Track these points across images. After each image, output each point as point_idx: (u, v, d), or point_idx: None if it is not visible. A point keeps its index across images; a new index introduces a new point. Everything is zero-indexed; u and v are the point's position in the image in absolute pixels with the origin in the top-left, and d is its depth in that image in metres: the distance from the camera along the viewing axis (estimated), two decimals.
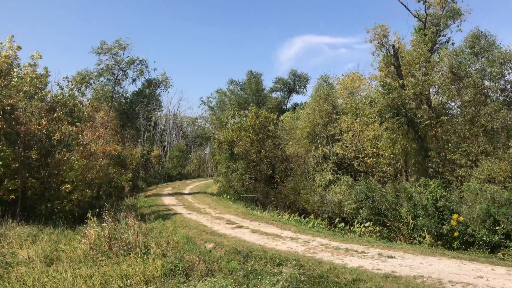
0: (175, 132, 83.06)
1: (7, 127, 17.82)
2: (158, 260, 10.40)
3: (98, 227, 13.01)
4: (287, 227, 17.61)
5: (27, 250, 11.97)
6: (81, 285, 8.89)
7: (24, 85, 18.26)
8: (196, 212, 23.38)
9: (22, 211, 17.17)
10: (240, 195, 30.80)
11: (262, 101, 56.33)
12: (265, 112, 33.75)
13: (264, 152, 31.10)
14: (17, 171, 17.51)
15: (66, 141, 20.15)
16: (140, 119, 57.49)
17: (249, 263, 10.80)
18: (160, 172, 61.33)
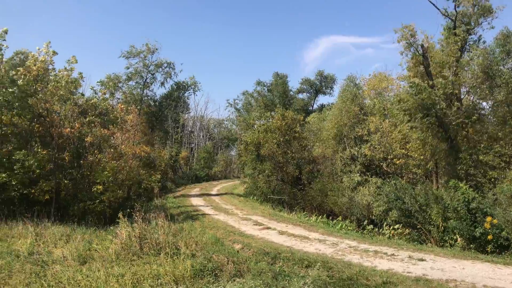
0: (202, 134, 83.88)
1: (42, 130, 18.47)
2: (187, 260, 10.52)
3: (129, 227, 13.24)
4: (315, 229, 17.56)
5: (61, 249, 12.32)
6: (114, 284, 9.07)
7: (59, 89, 18.84)
8: (223, 213, 23.57)
9: (56, 211, 17.72)
10: (267, 197, 30.85)
11: (289, 102, 56.24)
12: (292, 113, 33.70)
13: (290, 154, 31.04)
14: (51, 173, 18.10)
15: (98, 143, 20.67)
16: (169, 121, 58.33)
17: (277, 265, 10.84)
18: (188, 173, 62.03)
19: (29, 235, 13.62)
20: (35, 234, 13.76)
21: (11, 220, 15.45)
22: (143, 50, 37.79)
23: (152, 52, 37.97)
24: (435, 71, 23.45)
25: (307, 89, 64.74)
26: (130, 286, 9.00)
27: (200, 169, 64.83)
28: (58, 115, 19.24)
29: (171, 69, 39.92)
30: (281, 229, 17.35)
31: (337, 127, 30.79)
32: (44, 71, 19.32)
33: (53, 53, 19.92)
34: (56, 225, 15.77)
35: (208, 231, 16.61)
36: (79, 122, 19.22)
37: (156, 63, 38.68)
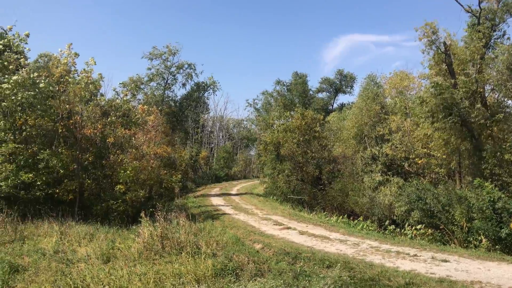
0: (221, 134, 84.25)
1: (65, 131, 18.85)
2: (208, 259, 10.59)
3: (151, 226, 13.41)
4: (336, 229, 17.44)
5: (85, 248, 12.58)
6: (136, 282, 9.19)
7: (80, 90, 19.20)
8: (243, 212, 23.62)
9: (80, 210, 18.08)
10: (287, 196, 30.77)
11: (308, 102, 56.03)
12: (311, 112, 33.54)
13: (310, 153, 30.91)
14: (75, 173, 18.48)
15: (120, 144, 21.00)
16: (189, 121, 58.78)
17: (298, 265, 10.81)
18: (208, 173, 62.38)
19: (54, 234, 13.95)
20: (60, 233, 14.08)
21: (37, 219, 15.83)
22: (165, 51, 38.24)
23: (173, 53, 38.42)
24: (458, 68, 23.00)
25: (327, 88, 64.36)
26: (153, 284, 9.10)
27: (220, 169, 65.13)
28: (81, 116, 19.61)
29: (192, 70, 40.29)
30: (301, 229, 17.29)
31: (357, 127, 30.51)
32: (67, 72, 19.72)
33: (75, 55, 20.32)
34: (80, 224, 16.09)
35: (228, 231, 16.68)
36: (102, 123, 19.55)
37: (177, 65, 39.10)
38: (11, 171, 15.95)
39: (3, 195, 15.79)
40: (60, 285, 8.89)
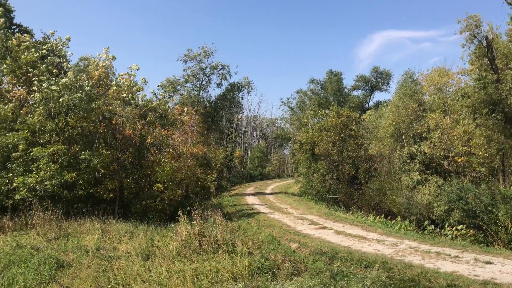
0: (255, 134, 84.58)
1: (106, 131, 19.45)
2: (245, 258, 10.66)
3: (188, 225, 13.63)
4: (373, 229, 17.18)
5: (126, 245, 12.93)
6: (175, 280, 9.36)
7: (121, 92, 19.76)
8: (278, 212, 23.63)
9: (120, 209, 18.61)
10: (322, 196, 30.55)
11: (343, 100, 55.34)
12: (347, 111, 33.14)
13: (346, 152, 30.53)
14: (115, 172, 19.03)
15: (158, 144, 21.46)
16: (223, 121, 59.33)
17: (335, 264, 10.72)
18: (242, 172, 62.77)
19: (96, 232, 14.41)
20: (102, 231, 14.53)
21: (79, 217, 16.39)
22: (200, 53, 38.80)
23: (208, 55, 38.90)
24: (501, 64, 22.09)
25: (362, 86, 63.34)
26: (190, 282, 9.24)
27: (254, 168, 65.40)
28: (121, 118, 20.17)
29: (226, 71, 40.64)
30: (337, 229, 17.13)
31: (394, 125, 29.86)
32: (105, 75, 20.35)
33: (112, 58, 20.92)
34: (120, 222, 16.53)
35: (264, 230, 16.74)
36: (140, 124, 20.05)
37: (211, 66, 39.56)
38: (55, 171, 16.58)
39: (48, 194, 16.43)
40: (102, 281, 9.16)
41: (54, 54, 19.57)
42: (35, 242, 12.84)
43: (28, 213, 15.49)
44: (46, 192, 16.37)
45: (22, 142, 17.06)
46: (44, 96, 17.51)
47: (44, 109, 17.58)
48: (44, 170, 16.39)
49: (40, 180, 16.26)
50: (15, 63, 18.63)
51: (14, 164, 17.08)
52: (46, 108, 17.55)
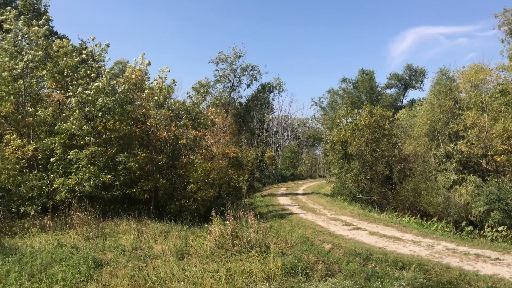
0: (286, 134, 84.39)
1: (141, 133, 19.91)
2: (277, 258, 10.68)
3: (221, 225, 13.76)
4: (408, 230, 16.84)
5: (161, 245, 13.17)
6: (209, 279, 9.47)
7: (154, 95, 20.18)
8: (311, 212, 23.51)
9: (154, 209, 18.97)
10: (355, 196, 30.16)
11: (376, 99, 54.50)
12: (380, 109, 32.55)
13: (380, 152, 30.01)
14: (150, 173, 19.42)
15: (191, 145, 21.78)
16: (254, 122, 59.52)
17: (369, 266, 10.59)
18: (274, 172, 62.75)
19: (132, 231, 14.75)
20: (137, 231, 14.87)
21: (116, 217, 16.82)
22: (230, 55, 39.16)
23: (239, 56, 39.26)
24: None
25: (395, 84, 62.22)
26: (225, 281, 9.32)
27: (286, 168, 65.27)
28: (155, 120, 20.58)
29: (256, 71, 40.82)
30: (371, 230, 16.89)
31: (429, 123, 29.12)
32: (141, 79, 20.83)
33: (148, 63, 21.39)
34: (155, 222, 16.86)
35: (296, 230, 16.70)
36: (174, 126, 20.39)
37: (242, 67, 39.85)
38: (93, 173, 17.09)
39: (87, 195, 16.96)
40: (139, 280, 9.37)
41: (93, 59, 20.18)
42: (75, 241, 13.28)
43: (67, 213, 16.03)
44: (85, 193, 16.89)
45: (60, 145, 17.65)
46: (80, 100, 18.08)
47: (81, 112, 18.13)
48: (82, 172, 16.93)
49: (79, 181, 16.80)
50: (55, 68, 19.32)
51: (54, 166, 17.73)
52: (82, 111, 18.10)
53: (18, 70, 18.41)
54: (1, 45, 18.83)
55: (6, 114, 18.46)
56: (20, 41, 19.56)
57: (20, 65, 18.34)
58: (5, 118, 18.55)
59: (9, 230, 14.60)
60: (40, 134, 18.35)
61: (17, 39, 19.37)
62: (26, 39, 19.79)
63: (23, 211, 15.70)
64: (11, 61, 18.30)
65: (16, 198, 15.96)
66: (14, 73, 18.37)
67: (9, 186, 15.94)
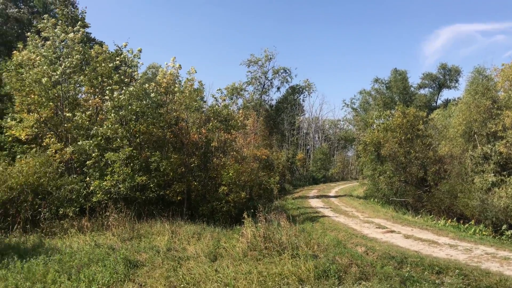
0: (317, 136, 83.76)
1: (173, 136, 20.27)
2: (310, 261, 10.63)
3: (253, 227, 13.81)
4: (444, 233, 16.41)
5: (194, 246, 13.35)
6: (242, 281, 9.52)
7: (185, 98, 20.51)
8: (343, 215, 23.27)
9: (187, 210, 19.25)
10: (389, 199, 29.63)
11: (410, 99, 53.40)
12: (413, 110, 31.85)
13: (413, 153, 29.36)
14: (182, 175, 19.73)
15: (222, 147, 21.98)
16: (285, 124, 59.43)
17: (404, 269, 10.39)
18: (305, 175, 62.45)
19: (166, 233, 15.03)
20: (171, 232, 15.14)
21: (150, 219, 17.17)
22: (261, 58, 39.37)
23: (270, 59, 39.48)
24: None
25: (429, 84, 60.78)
26: (257, 283, 9.36)
27: (317, 170, 64.82)
28: (186, 123, 20.90)
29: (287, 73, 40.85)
30: (406, 233, 16.55)
31: (465, 124, 28.28)
32: (172, 83, 21.22)
33: (178, 67, 21.77)
34: (188, 223, 17.11)
35: (329, 233, 16.56)
36: (205, 129, 20.65)
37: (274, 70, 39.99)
38: (128, 174, 17.52)
39: (122, 197, 17.40)
40: (173, 281, 9.53)
41: (126, 65, 20.72)
42: (111, 242, 13.64)
43: (104, 215, 16.48)
44: (120, 195, 17.32)
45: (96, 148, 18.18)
46: (115, 104, 18.59)
47: (116, 116, 18.62)
48: (117, 174, 17.37)
49: (114, 183, 17.26)
50: (92, 74, 19.95)
51: (91, 169, 18.28)
52: (117, 115, 18.59)
53: (57, 76, 19.11)
54: (41, 53, 19.57)
55: (46, 118, 19.18)
56: (58, 48, 20.29)
57: (59, 70, 19.02)
58: (45, 123, 19.26)
59: (49, 230, 15.16)
60: (78, 138, 18.94)
61: (55, 46, 20.09)
62: (64, 46, 20.51)
63: (62, 212, 16.23)
64: (50, 67, 19.01)
65: (55, 200, 16.50)
66: (53, 79, 19.09)
67: (49, 188, 16.50)
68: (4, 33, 28.34)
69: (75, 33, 20.52)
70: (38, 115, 18.87)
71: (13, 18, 30.31)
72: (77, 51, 20.06)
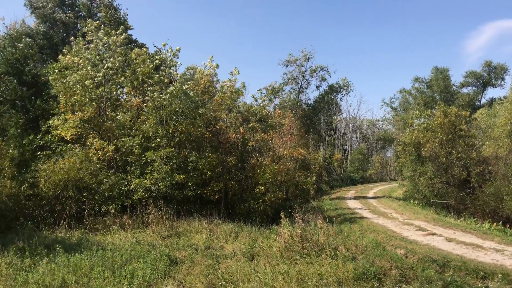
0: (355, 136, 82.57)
1: (211, 136, 20.54)
2: (348, 262, 10.51)
3: (290, 227, 13.78)
4: (489, 237, 15.80)
5: (231, 245, 13.47)
6: (280, 281, 9.50)
7: (225, 99, 20.73)
8: (382, 216, 22.84)
9: (224, 209, 19.44)
10: (430, 201, 28.82)
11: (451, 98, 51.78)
12: (455, 109, 30.85)
13: (455, 154, 28.42)
14: (220, 175, 19.95)
15: (259, 147, 22.07)
16: (322, 124, 58.95)
17: (447, 273, 10.08)
18: (342, 175, 61.73)
19: (204, 231, 15.23)
20: (209, 230, 15.32)
21: (188, 217, 17.45)
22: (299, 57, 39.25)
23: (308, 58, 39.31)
24: None
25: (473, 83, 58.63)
26: (295, 284, 9.33)
27: (355, 171, 63.94)
28: (224, 123, 21.12)
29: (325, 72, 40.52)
30: (448, 236, 16.06)
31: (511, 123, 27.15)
32: (210, 83, 21.48)
33: (216, 66, 22.02)
34: (225, 222, 17.25)
35: (367, 235, 16.30)
36: (243, 128, 20.80)
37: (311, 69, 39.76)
38: (167, 173, 17.89)
39: (161, 195, 17.78)
40: (212, 279, 9.65)
41: (165, 65, 21.16)
42: (151, 239, 13.98)
43: (144, 212, 16.89)
44: (159, 193, 17.71)
45: (137, 146, 18.67)
46: (156, 105, 19.03)
47: (156, 116, 19.06)
48: (157, 172, 17.78)
49: (154, 182, 17.67)
50: (133, 75, 20.50)
51: (132, 167, 18.80)
52: (157, 115, 19.02)
53: (99, 78, 19.76)
54: (84, 55, 20.29)
55: (89, 118, 19.88)
56: (101, 50, 20.98)
57: (102, 72, 19.66)
58: (88, 122, 19.96)
59: (92, 227, 15.70)
60: (120, 137, 19.51)
61: (98, 48, 20.79)
62: (107, 48, 21.19)
63: (104, 209, 16.76)
64: (93, 69, 19.69)
65: (98, 197, 17.07)
66: (96, 80, 19.76)
67: (93, 185, 17.09)
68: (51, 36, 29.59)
69: (118, 36, 21.14)
70: (82, 115, 19.57)
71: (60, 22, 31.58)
72: (119, 53, 20.68)
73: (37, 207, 16.16)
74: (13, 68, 21.89)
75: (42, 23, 31.09)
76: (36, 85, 22.30)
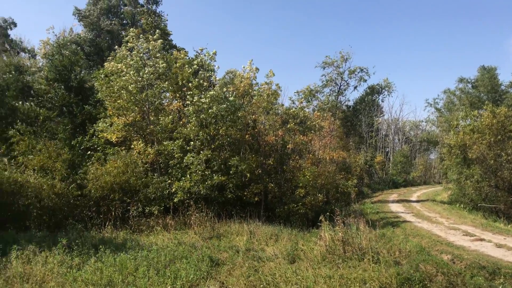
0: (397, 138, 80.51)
1: (250, 138, 20.67)
2: (391, 267, 10.28)
3: (331, 230, 13.61)
4: None
5: (272, 247, 13.48)
6: (322, 284, 9.41)
7: (263, 101, 20.81)
8: (426, 220, 22.18)
9: (264, 212, 19.50)
10: (477, 205, 27.67)
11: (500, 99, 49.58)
12: (505, 109, 29.49)
13: (505, 156, 27.17)
14: (259, 177, 20.03)
15: (298, 150, 21.98)
16: (363, 125, 57.96)
17: (497, 281, 9.68)
18: (384, 178, 60.35)
19: (244, 233, 15.33)
20: (250, 232, 15.39)
21: (229, 219, 17.62)
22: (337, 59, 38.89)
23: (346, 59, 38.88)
24: None
25: None
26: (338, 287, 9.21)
27: (397, 174, 62.35)
28: (263, 125, 21.19)
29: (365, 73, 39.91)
30: (498, 242, 15.37)
31: None
32: (249, 86, 21.64)
33: (255, 69, 22.16)
34: (265, 225, 17.29)
35: (411, 239, 15.87)
36: (282, 131, 20.81)
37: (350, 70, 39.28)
38: (207, 175, 18.16)
39: (202, 197, 18.06)
40: (253, 281, 9.69)
41: (204, 69, 21.51)
42: (193, 240, 14.22)
43: (186, 214, 17.21)
44: (200, 195, 17.99)
45: (178, 150, 19.05)
46: (196, 108, 19.36)
47: (197, 119, 19.39)
48: (195, 174, 18.06)
49: (193, 184, 17.96)
50: (174, 80, 20.97)
51: (173, 170, 19.20)
52: (198, 118, 19.34)
53: (143, 83, 20.34)
54: (127, 62, 20.93)
55: (133, 122, 20.48)
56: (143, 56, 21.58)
57: (145, 77, 20.23)
58: (132, 126, 20.57)
59: (137, 227, 16.15)
60: (162, 140, 19.98)
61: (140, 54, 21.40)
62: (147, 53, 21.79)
63: (148, 210, 17.20)
64: (135, 75, 20.29)
65: (142, 199, 17.54)
66: (139, 85, 20.35)
67: (137, 187, 17.58)
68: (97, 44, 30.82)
69: (156, 41, 21.69)
70: (126, 119, 20.19)
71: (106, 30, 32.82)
72: (161, 58, 21.20)
73: (84, 207, 16.81)
74: (60, 75, 22.86)
75: (89, 31, 32.41)
76: (82, 91, 23.18)
